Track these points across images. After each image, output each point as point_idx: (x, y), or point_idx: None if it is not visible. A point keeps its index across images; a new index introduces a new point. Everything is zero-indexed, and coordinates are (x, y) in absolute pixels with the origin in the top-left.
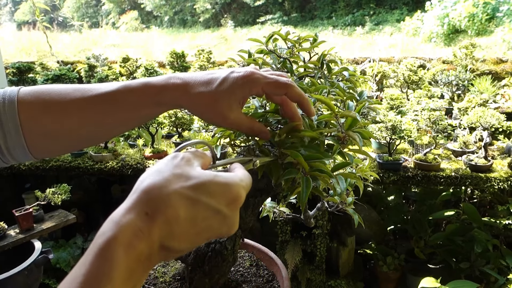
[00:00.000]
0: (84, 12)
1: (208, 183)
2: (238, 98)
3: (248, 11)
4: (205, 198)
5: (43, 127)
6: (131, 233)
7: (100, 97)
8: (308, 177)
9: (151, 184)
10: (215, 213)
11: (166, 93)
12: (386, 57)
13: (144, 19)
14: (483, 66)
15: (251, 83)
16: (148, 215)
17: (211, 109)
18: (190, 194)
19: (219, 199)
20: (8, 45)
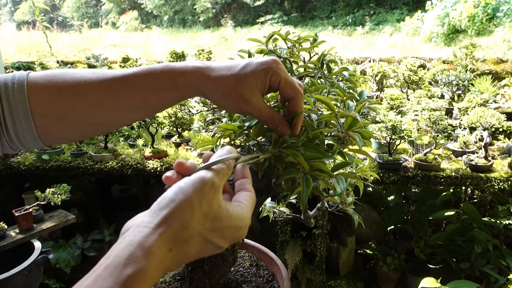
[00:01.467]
0: (84, 12)
1: (225, 228)
2: (261, 82)
3: (248, 11)
4: (217, 240)
5: (55, 111)
6: (157, 267)
7: (117, 80)
8: (308, 177)
9: (179, 221)
10: (218, 248)
11: (185, 75)
12: (386, 57)
13: (144, 19)
14: (483, 66)
15: (274, 70)
16: (171, 251)
17: (232, 92)
18: (208, 237)
19: (228, 240)
20: (8, 45)
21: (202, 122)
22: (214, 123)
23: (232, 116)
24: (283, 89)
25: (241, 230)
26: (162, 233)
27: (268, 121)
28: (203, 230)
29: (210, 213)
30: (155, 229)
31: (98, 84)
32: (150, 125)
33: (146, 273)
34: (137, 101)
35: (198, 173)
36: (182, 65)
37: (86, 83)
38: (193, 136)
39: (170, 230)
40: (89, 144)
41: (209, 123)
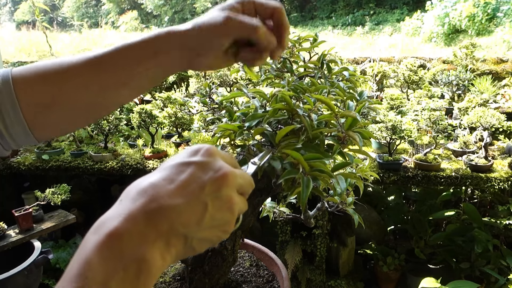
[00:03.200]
0: (84, 12)
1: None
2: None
3: None
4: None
5: (41, 99)
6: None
7: (99, 58)
8: (308, 177)
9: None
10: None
11: (163, 38)
12: (386, 57)
13: (143, 19)
14: (483, 66)
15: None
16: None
17: (213, 23)
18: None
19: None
20: (8, 45)
21: (202, 122)
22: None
23: (232, 116)
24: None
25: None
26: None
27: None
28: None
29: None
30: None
31: (81, 65)
32: (150, 125)
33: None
34: (122, 76)
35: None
36: (159, 30)
37: (68, 66)
38: (193, 136)
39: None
40: (89, 144)
41: (209, 123)
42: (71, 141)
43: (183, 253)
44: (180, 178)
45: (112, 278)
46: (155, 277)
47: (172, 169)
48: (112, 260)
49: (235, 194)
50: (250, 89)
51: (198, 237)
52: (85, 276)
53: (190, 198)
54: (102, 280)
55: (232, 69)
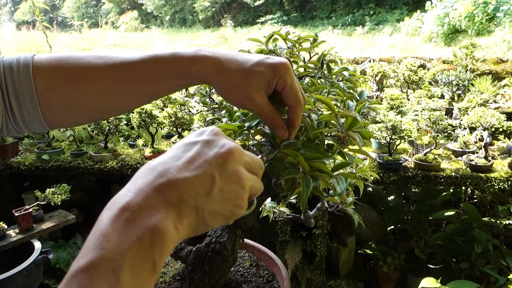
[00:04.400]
0: (84, 12)
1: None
2: (267, 83)
3: (248, 11)
4: (177, 144)
5: (61, 97)
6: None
7: (124, 66)
8: (308, 177)
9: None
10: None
11: (195, 65)
12: (386, 57)
13: (143, 19)
14: (483, 66)
15: (282, 74)
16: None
17: (239, 88)
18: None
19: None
20: (8, 45)
21: (202, 122)
22: (214, 123)
23: (232, 116)
24: (286, 95)
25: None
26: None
27: (268, 121)
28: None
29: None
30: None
31: (106, 71)
32: (150, 125)
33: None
34: (144, 89)
35: None
36: (191, 53)
37: (93, 69)
38: None
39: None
40: (89, 144)
41: (209, 123)
42: (71, 141)
43: (195, 224)
44: (187, 155)
45: (127, 247)
46: (170, 247)
47: (179, 148)
48: (126, 230)
49: (243, 168)
50: None
51: (210, 210)
52: (101, 247)
53: (197, 171)
54: (119, 249)
55: None
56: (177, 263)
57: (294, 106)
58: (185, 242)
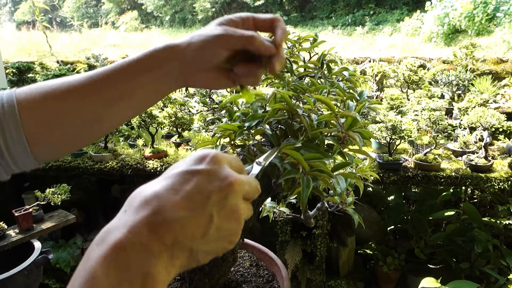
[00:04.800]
0: (84, 12)
1: (175, 164)
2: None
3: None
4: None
5: (42, 114)
6: (107, 231)
7: (99, 74)
8: (308, 177)
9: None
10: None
11: (158, 52)
12: (386, 57)
13: (143, 19)
14: (483, 66)
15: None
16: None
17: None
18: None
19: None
20: (8, 45)
21: (202, 122)
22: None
23: (232, 116)
24: (260, 23)
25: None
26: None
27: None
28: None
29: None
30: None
31: (82, 81)
32: (150, 125)
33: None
34: (121, 90)
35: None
36: (155, 46)
37: (70, 83)
38: (193, 136)
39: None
40: (89, 144)
41: (209, 123)
42: None
43: (187, 264)
44: (185, 188)
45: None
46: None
47: (176, 178)
48: (118, 273)
49: (241, 202)
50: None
51: (204, 250)
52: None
53: (195, 210)
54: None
55: None
56: None
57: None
58: None
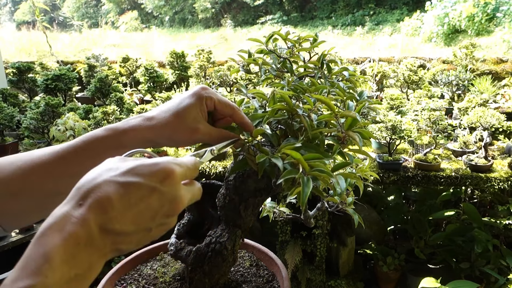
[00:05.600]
0: (84, 12)
1: (136, 166)
2: (199, 109)
3: (248, 11)
4: (134, 179)
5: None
6: (64, 221)
7: (65, 149)
8: (308, 177)
9: (83, 180)
10: (150, 191)
11: (128, 133)
12: (386, 57)
13: (144, 19)
14: (483, 66)
15: (206, 96)
16: (81, 204)
17: (179, 129)
18: (119, 179)
19: (149, 177)
20: (8, 45)
21: None
22: None
23: None
24: (220, 109)
25: (160, 164)
26: (66, 199)
27: (221, 139)
28: (110, 177)
29: (113, 166)
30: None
31: (48, 155)
32: None
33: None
34: (87, 164)
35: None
36: (123, 124)
37: (36, 156)
38: None
39: (73, 191)
40: None
41: None
42: None
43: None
44: (139, 206)
45: (65, 280)
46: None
47: (134, 190)
48: (71, 263)
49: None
50: (250, 89)
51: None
52: (45, 275)
53: (140, 225)
54: (59, 280)
55: (232, 69)
56: (177, 263)
57: (233, 113)
58: (185, 242)
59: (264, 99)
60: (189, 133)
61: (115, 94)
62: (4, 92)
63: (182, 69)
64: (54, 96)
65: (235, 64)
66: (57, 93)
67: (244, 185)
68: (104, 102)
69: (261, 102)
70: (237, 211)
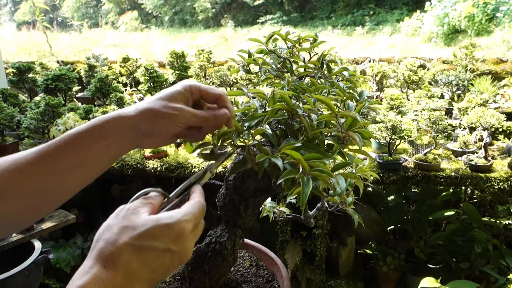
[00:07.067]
0: (84, 12)
1: (151, 229)
2: (182, 95)
3: (248, 11)
4: (150, 243)
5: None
6: (95, 282)
7: (50, 146)
8: (308, 177)
9: (104, 243)
10: (163, 252)
11: (110, 122)
12: (386, 57)
13: (144, 19)
14: (483, 66)
15: (191, 83)
16: (107, 268)
17: (161, 110)
18: (137, 243)
19: (163, 239)
20: (8, 45)
21: None
22: None
23: None
24: (206, 95)
25: (174, 226)
26: (91, 259)
27: (205, 122)
28: (129, 240)
29: (129, 225)
30: (87, 261)
31: (33, 154)
32: None
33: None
34: (74, 159)
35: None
36: (108, 114)
37: (21, 157)
38: None
39: (97, 253)
40: None
41: None
42: None
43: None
44: (153, 265)
45: None
46: None
47: (150, 253)
48: None
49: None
50: (250, 89)
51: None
52: None
53: (153, 280)
54: None
55: (232, 69)
56: None
57: (219, 97)
58: None
59: (264, 99)
60: (172, 115)
61: (115, 94)
62: (4, 92)
63: (182, 69)
64: (54, 96)
65: (235, 64)
66: (57, 93)
67: (244, 185)
68: (104, 102)
69: (261, 101)
70: (237, 211)
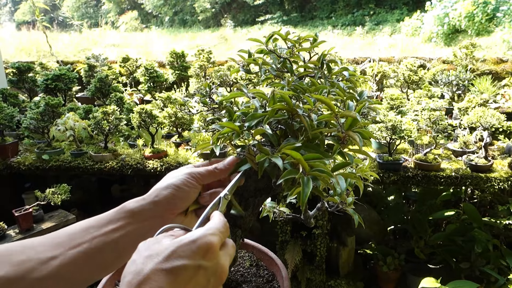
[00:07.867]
0: (84, 12)
1: (177, 249)
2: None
3: (248, 11)
4: (179, 262)
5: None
6: None
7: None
8: (308, 177)
9: (130, 276)
10: (195, 270)
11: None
12: (386, 57)
13: (143, 19)
14: (483, 66)
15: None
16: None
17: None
18: (164, 266)
19: (192, 256)
20: (8, 45)
21: (202, 122)
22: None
23: (232, 116)
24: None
25: (199, 241)
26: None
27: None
28: (155, 265)
29: (153, 253)
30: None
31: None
32: (150, 125)
33: None
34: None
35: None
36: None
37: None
38: (193, 136)
39: (125, 283)
40: (89, 144)
41: (209, 123)
42: (71, 141)
43: None
44: (188, 286)
45: None
46: None
47: (182, 272)
48: None
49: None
50: (250, 89)
51: None
52: None
53: None
54: None
55: (232, 69)
56: None
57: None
58: None
59: (264, 99)
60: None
61: (115, 94)
62: (4, 92)
63: (182, 69)
64: (54, 96)
65: (235, 64)
66: (57, 93)
67: (244, 185)
68: (104, 102)
69: (261, 101)
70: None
